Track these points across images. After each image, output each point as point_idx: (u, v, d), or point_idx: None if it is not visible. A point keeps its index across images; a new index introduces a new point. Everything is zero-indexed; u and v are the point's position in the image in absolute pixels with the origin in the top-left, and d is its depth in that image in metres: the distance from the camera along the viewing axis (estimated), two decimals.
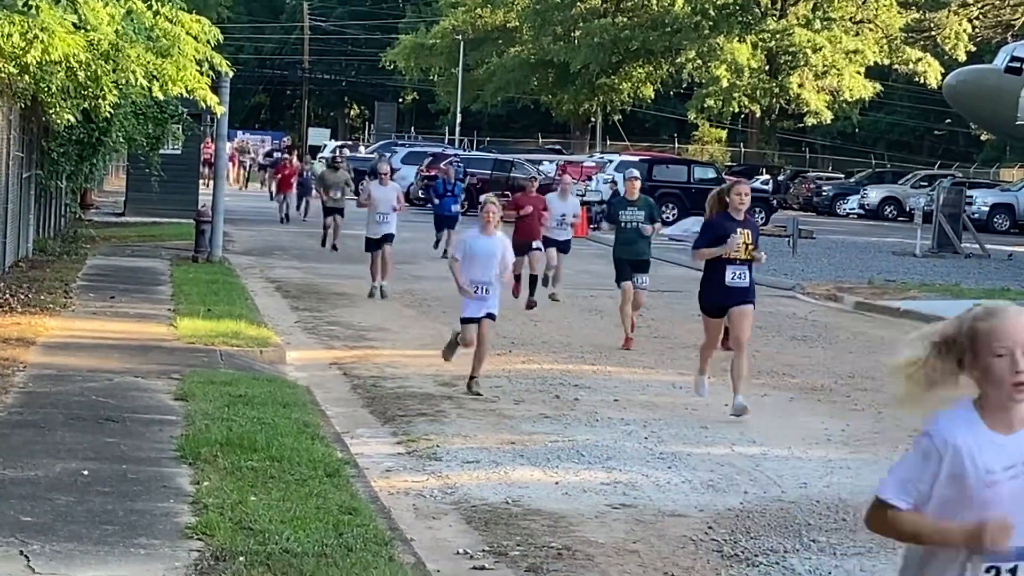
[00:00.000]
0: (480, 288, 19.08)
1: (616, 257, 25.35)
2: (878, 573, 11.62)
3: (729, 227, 18.53)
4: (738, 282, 18.57)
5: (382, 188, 31.20)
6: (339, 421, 16.84)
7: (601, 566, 11.58)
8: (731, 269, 18.48)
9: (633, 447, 16.23)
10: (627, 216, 24.86)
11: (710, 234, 18.81)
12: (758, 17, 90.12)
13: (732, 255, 18.34)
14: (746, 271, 18.62)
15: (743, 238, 18.48)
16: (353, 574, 10.09)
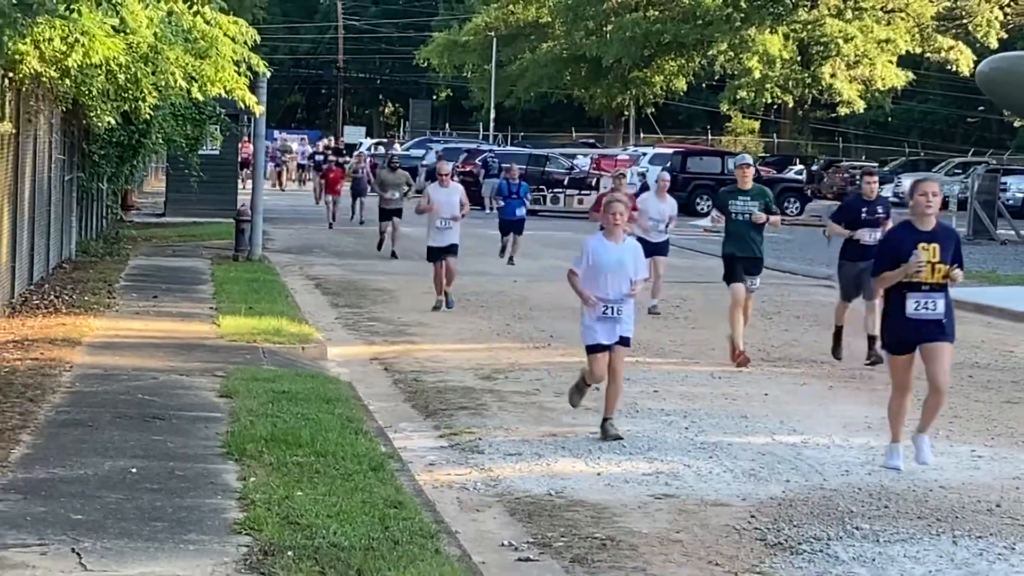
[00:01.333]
0: (610, 308, 15.53)
1: (725, 254, 22.29)
2: (921, 559, 11.61)
3: (908, 242, 14.73)
4: (926, 313, 14.60)
5: (443, 191, 27.65)
6: (382, 416, 16.87)
7: (645, 556, 11.59)
8: (914, 297, 14.57)
9: (674, 437, 16.22)
10: (738, 206, 21.93)
11: (887, 254, 15.02)
12: (789, 8, 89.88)
13: (915, 278, 14.49)
14: (938, 298, 14.59)
15: (929, 254, 14.60)
16: (400, 567, 10.10)
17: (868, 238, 21.49)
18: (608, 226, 15.89)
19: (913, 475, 14.62)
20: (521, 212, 38.39)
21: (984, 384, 20.72)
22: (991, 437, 16.78)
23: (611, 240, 15.82)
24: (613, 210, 15.80)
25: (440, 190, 27.53)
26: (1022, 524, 12.80)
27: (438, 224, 27.03)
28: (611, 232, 15.83)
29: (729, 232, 22.03)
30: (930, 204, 14.80)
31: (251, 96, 29.35)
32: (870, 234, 21.49)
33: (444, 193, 27.34)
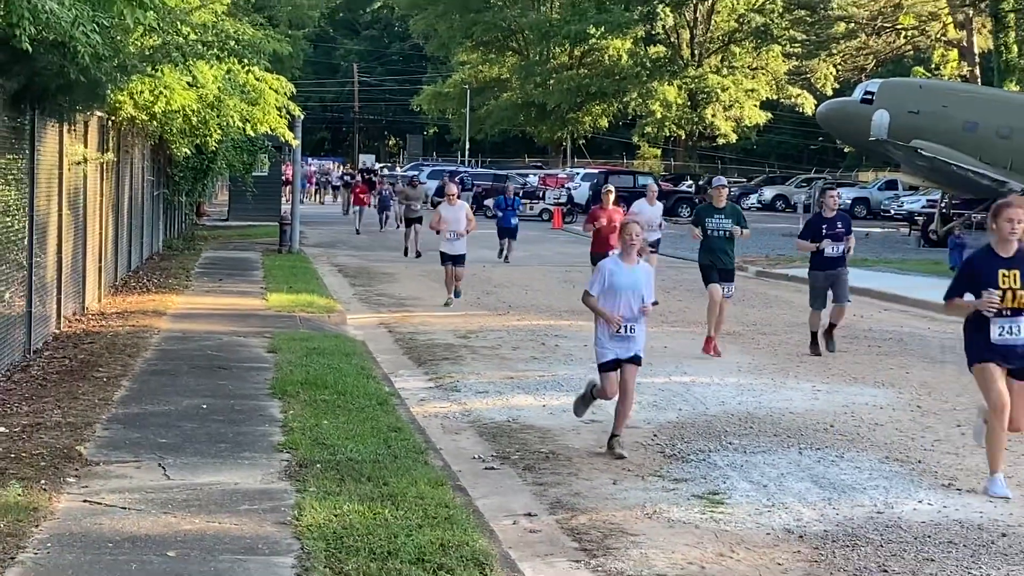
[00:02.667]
0: (625, 327, 12.54)
1: (702, 263, 19.64)
2: (775, 464, 11.63)
3: (988, 268, 10.79)
4: (1011, 339, 10.74)
5: (451, 209, 24.66)
6: (386, 365, 16.82)
7: (577, 464, 11.59)
8: (998, 324, 10.75)
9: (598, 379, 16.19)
10: (714, 224, 19.40)
11: (965, 278, 11.10)
12: (682, 67, 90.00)
13: (994, 305, 10.65)
14: (1022, 323, 10.72)
15: (1010, 280, 10.67)
16: (399, 474, 10.08)
17: (831, 250, 19.01)
18: (625, 248, 12.79)
19: (770, 404, 14.65)
20: (515, 221, 35.67)
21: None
22: (828, 377, 16.83)
23: (626, 262, 12.77)
24: (630, 231, 12.78)
25: (448, 208, 24.63)
26: (849, 439, 12.84)
27: (448, 236, 24.38)
28: (627, 254, 12.78)
29: (705, 245, 19.54)
30: (1015, 231, 10.62)
31: (289, 132, 29.34)
32: (832, 246, 18.99)
33: (452, 211, 24.55)
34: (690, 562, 8.77)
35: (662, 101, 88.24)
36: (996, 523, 9.84)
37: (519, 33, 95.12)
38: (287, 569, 7.83)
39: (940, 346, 20.16)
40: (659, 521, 9.77)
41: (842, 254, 19.06)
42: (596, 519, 9.78)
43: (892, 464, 11.75)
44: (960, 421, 13.81)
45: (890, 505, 10.31)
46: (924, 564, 8.80)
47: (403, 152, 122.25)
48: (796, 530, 9.57)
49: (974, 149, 45.79)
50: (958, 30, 76.45)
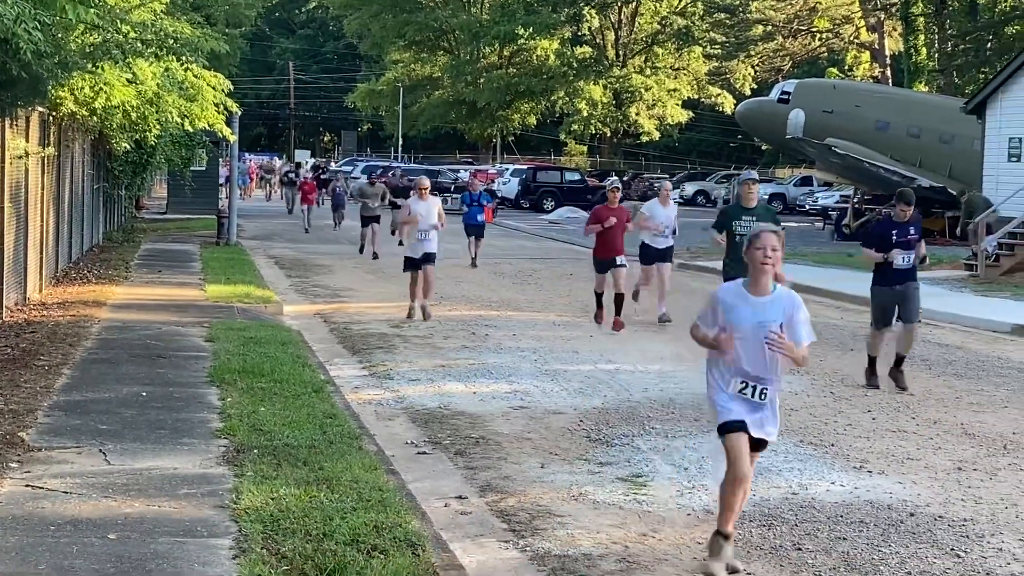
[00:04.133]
0: (754, 388, 8.08)
1: (730, 277, 12.90)
2: (696, 448, 11.71)
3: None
4: None
5: (422, 204, 21.54)
6: (321, 354, 16.77)
7: (506, 449, 11.62)
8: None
9: (527, 367, 16.25)
10: (744, 227, 15.55)
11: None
12: (607, 67, 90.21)
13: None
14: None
15: None
16: (334, 459, 10.07)
17: (901, 260, 15.29)
18: (754, 269, 8.07)
19: (691, 391, 14.70)
20: (481, 218, 32.74)
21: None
22: None
23: (755, 291, 8.11)
24: (762, 244, 8.03)
25: (420, 203, 21.57)
26: None
27: (418, 236, 21.21)
28: (756, 280, 8.08)
29: (732, 254, 15.56)
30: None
31: (227, 128, 29.16)
32: (902, 256, 15.29)
33: (423, 206, 21.50)
34: (614, 542, 8.82)
35: (588, 100, 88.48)
36: (905, 503, 9.97)
37: (450, 33, 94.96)
38: (225, 550, 7.81)
39: (852, 335, 20.35)
40: (585, 503, 9.81)
41: (913, 265, 15.54)
42: (524, 501, 9.81)
43: (806, 447, 11.86)
44: (871, 407, 13.96)
45: (804, 486, 10.41)
46: (836, 542, 8.90)
47: (338, 148, 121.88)
48: (716, 510, 9.64)
49: (885, 147, 46.27)
50: (870, 33, 77.18)
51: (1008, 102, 34.11)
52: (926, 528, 9.29)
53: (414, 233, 21.25)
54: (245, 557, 7.64)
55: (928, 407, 14.10)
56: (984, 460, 11.50)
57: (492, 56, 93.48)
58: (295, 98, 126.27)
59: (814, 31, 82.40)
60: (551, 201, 62.81)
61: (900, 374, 15.30)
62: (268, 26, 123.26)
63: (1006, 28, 63.01)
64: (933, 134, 45.81)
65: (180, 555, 7.68)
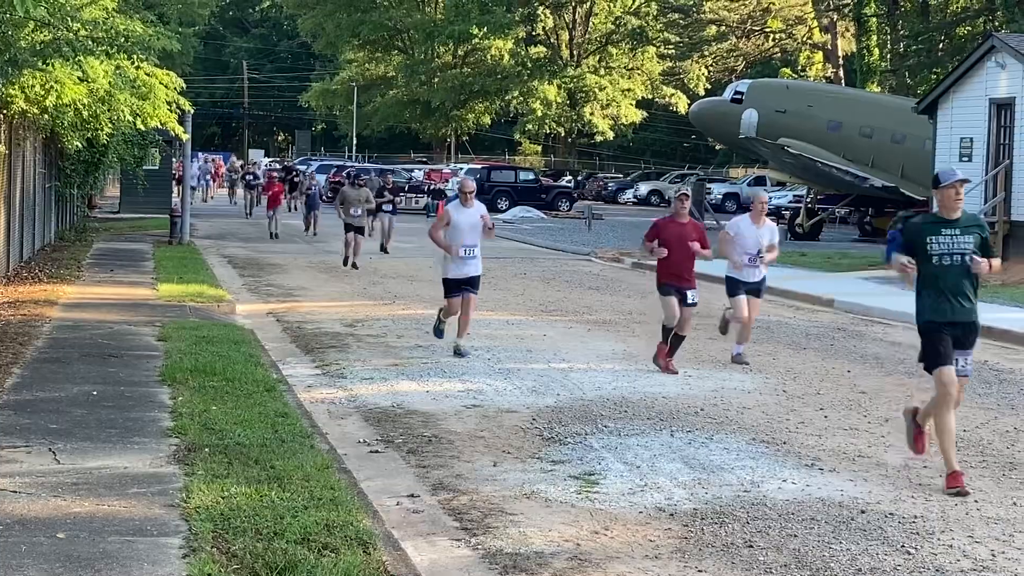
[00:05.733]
0: None
1: (927, 322, 10.46)
2: (648, 446, 11.73)
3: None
4: None
5: (465, 211, 16.93)
6: (274, 353, 16.70)
7: (459, 447, 11.60)
8: None
9: (480, 366, 16.24)
10: (943, 244, 10.46)
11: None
12: (561, 67, 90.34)
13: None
14: None
15: None
16: (285, 457, 10.02)
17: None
18: None
19: (644, 389, 14.77)
20: None
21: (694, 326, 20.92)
22: (698, 363, 17.00)
23: None
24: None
25: (462, 211, 16.96)
26: (718, 422, 12.98)
27: (461, 252, 16.89)
28: None
29: (931, 283, 10.50)
30: None
31: (179, 127, 28.97)
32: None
33: (466, 214, 16.90)
34: (566, 539, 8.82)
35: (542, 99, 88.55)
36: (856, 501, 10.01)
37: (404, 33, 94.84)
38: (175, 549, 7.76)
39: (805, 333, 20.47)
40: (537, 501, 9.81)
41: None
42: (477, 499, 9.80)
43: (759, 445, 11.90)
44: (823, 405, 14.03)
45: (756, 484, 10.45)
46: (788, 540, 8.93)
47: (292, 147, 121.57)
48: (667, 508, 9.67)
49: (838, 147, 46.52)
50: (823, 34, 77.61)
51: (959, 102, 34.37)
52: (877, 525, 9.34)
53: (456, 249, 16.94)
54: (195, 556, 7.60)
55: (880, 405, 14.18)
56: (935, 458, 11.55)
57: (446, 56, 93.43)
58: (249, 97, 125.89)
59: (767, 31, 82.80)
60: (505, 201, 62.86)
61: None
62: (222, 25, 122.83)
63: (958, 29, 63.47)
64: (885, 134, 46.10)
65: (130, 554, 7.62)
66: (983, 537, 9.09)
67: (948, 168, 11.53)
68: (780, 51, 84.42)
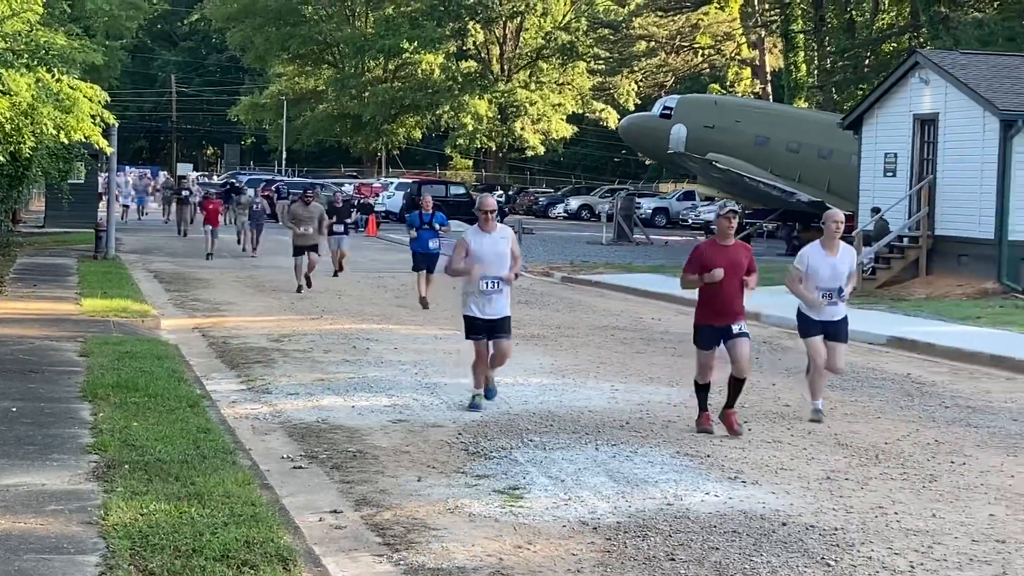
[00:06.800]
0: None
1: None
2: (573, 460, 11.74)
3: None
4: None
5: (487, 237, 14.04)
6: (199, 368, 16.58)
7: (383, 462, 11.56)
8: None
9: (407, 380, 16.21)
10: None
11: None
12: (492, 81, 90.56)
13: None
14: None
15: None
16: (206, 474, 9.95)
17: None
18: None
19: (570, 403, 14.79)
20: (435, 244, 26.03)
21: (621, 340, 21.03)
22: (625, 377, 17.05)
23: None
24: None
25: (483, 237, 14.07)
26: (643, 435, 13.02)
27: (483, 286, 14.01)
28: None
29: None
30: None
31: (104, 141, 28.60)
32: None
33: (489, 241, 14.03)
34: (489, 554, 8.80)
35: (473, 114, 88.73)
36: (777, 513, 10.07)
37: (334, 47, 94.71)
38: (91, 567, 7.67)
39: None
40: (461, 516, 9.79)
41: None
42: (400, 515, 9.77)
43: (683, 459, 11.95)
44: (746, 418, 14.10)
45: (679, 497, 10.48)
46: (710, 552, 8.96)
47: (221, 161, 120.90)
48: (591, 522, 9.68)
49: (765, 162, 46.90)
50: (751, 50, 78.28)
51: (883, 118, 34.74)
52: (797, 537, 9.40)
53: (476, 283, 14.11)
54: (112, 574, 7.52)
55: (803, 418, 14.27)
56: (856, 470, 11.68)
57: (377, 70, 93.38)
58: (177, 111, 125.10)
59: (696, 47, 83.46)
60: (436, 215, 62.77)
61: None
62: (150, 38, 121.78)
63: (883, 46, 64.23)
64: (812, 149, 46.52)
65: (46, 572, 7.53)
66: (902, 549, 9.17)
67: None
68: (709, 67, 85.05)
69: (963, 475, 11.63)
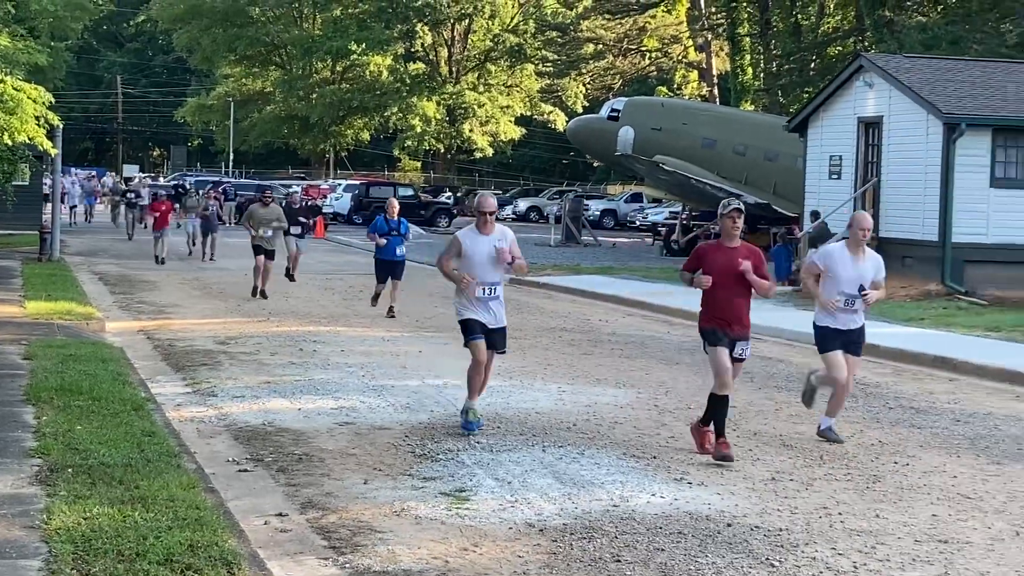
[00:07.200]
0: None
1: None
2: (520, 461, 11.74)
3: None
4: None
5: (483, 239, 13.15)
6: (144, 371, 16.46)
7: (330, 465, 11.52)
8: None
9: (354, 382, 16.17)
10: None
11: None
12: (440, 83, 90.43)
13: None
14: None
15: None
16: (150, 477, 9.88)
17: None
18: None
19: (517, 405, 14.80)
20: (401, 252, 24.57)
21: (569, 342, 21.06)
22: (572, 378, 17.07)
23: None
24: None
25: (478, 238, 13.16)
26: (590, 437, 13.04)
27: (478, 292, 13.16)
28: None
29: None
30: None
31: (48, 142, 28.54)
32: None
33: (483, 243, 13.12)
34: (435, 557, 8.79)
35: (422, 116, 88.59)
36: (723, 514, 10.11)
37: (282, 48, 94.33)
38: (34, 572, 7.59)
39: (678, 348, 20.65)
40: (407, 518, 9.77)
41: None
42: (346, 517, 9.74)
43: (629, 460, 11.97)
44: (693, 420, 14.13)
45: (626, 499, 10.51)
46: (655, 553, 8.99)
47: (167, 163, 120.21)
48: (537, 524, 9.68)
49: (712, 164, 47.09)
50: (698, 53, 78.60)
51: (828, 121, 34.97)
52: (742, 538, 9.44)
53: (471, 287, 13.17)
54: None
55: (749, 419, 14.34)
56: (800, 471, 11.74)
57: (325, 71, 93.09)
58: (123, 112, 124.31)
59: (644, 50, 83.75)
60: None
61: None
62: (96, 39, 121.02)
63: (828, 49, 64.66)
64: (758, 152, 46.75)
65: None
66: (846, 549, 9.23)
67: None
68: (656, 69, 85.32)
69: (906, 476, 11.73)
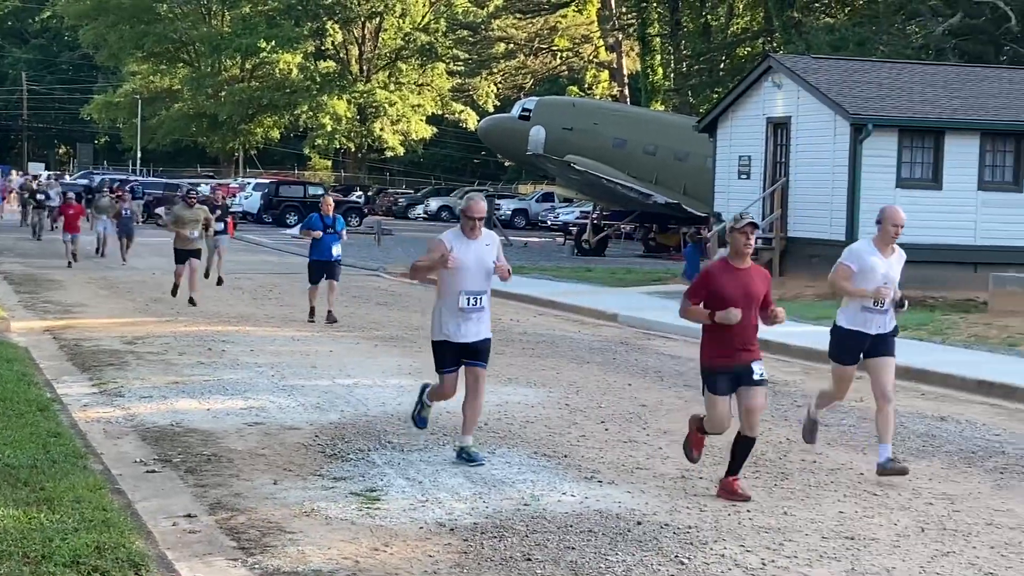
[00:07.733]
0: None
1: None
2: (431, 461, 11.73)
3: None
4: None
5: (472, 244, 11.63)
6: (49, 371, 16.25)
7: (239, 465, 11.43)
8: None
9: (264, 382, 16.07)
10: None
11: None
12: (351, 82, 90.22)
13: None
14: None
15: None
16: (56, 479, 9.75)
17: None
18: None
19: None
20: (337, 251, 23.44)
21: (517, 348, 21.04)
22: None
23: None
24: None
25: (467, 244, 11.64)
26: (501, 436, 13.06)
27: (462, 302, 11.61)
28: None
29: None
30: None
31: None
32: None
33: (473, 248, 11.64)
34: (345, 557, 8.76)
35: (332, 114, 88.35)
36: (633, 512, 10.17)
37: (190, 45, 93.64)
38: None
39: (589, 348, 20.74)
40: (317, 519, 9.73)
41: None
42: (255, 518, 9.67)
43: (540, 459, 12.00)
44: (604, 418, 14.22)
45: (536, 497, 10.53)
46: (566, 552, 9.02)
47: (74, 161, 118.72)
48: (448, 523, 9.68)
49: (623, 164, 47.37)
50: (609, 53, 78.98)
51: (738, 121, 35.29)
52: (652, 536, 9.50)
53: (452, 295, 11.69)
54: None
55: (659, 417, 14.44)
56: (710, 469, 11.83)
57: (234, 69, 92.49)
58: (28, 109, 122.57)
59: (555, 50, 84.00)
60: (294, 216, 62.48)
61: None
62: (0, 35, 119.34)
63: (738, 50, 65.28)
64: (669, 152, 47.10)
65: None
66: (754, 546, 9.32)
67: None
68: (567, 69, 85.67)
69: (814, 473, 11.86)
